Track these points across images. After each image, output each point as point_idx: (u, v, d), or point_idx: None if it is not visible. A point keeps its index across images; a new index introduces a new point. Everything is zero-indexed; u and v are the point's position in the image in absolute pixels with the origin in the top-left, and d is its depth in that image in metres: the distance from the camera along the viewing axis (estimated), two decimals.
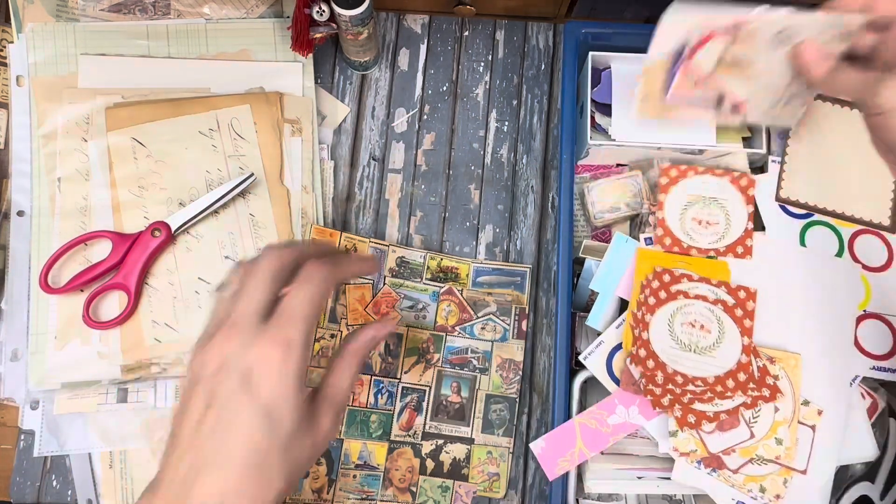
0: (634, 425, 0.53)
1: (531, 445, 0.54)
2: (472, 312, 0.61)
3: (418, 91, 0.68)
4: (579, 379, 0.56)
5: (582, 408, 0.55)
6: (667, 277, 0.54)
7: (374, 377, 0.58)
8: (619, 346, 0.55)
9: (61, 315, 0.58)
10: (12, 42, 0.62)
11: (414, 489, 0.58)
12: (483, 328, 0.61)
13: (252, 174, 0.60)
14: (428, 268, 0.61)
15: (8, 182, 0.61)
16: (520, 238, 0.65)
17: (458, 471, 0.58)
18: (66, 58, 0.61)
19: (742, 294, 0.54)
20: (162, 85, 0.62)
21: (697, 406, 0.52)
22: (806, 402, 0.53)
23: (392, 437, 0.58)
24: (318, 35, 0.60)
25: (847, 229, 0.58)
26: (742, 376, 0.52)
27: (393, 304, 0.60)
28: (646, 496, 0.57)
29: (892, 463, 0.54)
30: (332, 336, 0.57)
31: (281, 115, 0.62)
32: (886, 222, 0.58)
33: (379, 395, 0.58)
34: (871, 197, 0.59)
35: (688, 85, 0.48)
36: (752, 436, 0.52)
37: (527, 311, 0.61)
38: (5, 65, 0.62)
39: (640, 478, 0.55)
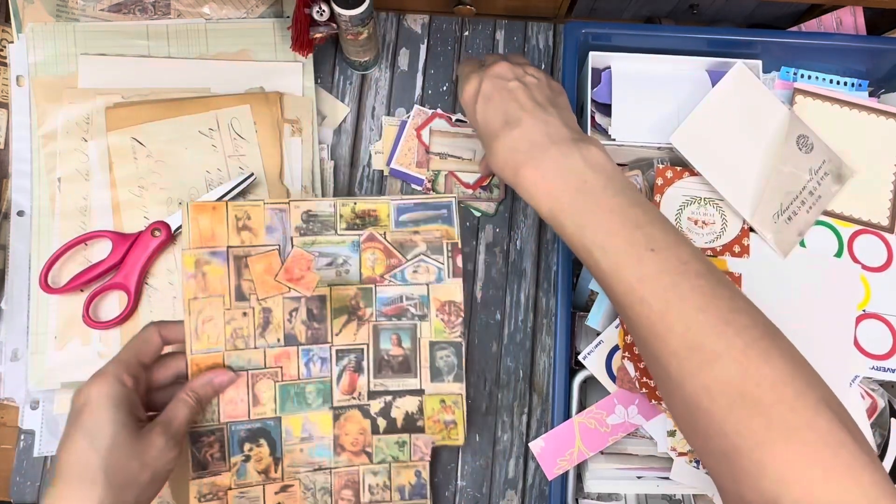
0: (633, 425, 0.53)
1: (531, 445, 0.54)
2: (400, 256, 0.55)
3: (418, 91, 0.68)
4: (579, 379, 0.56)
5: (581, 407, 0.55)
6: None
7: (300, 347, 0.53)
8: (618, 346, 0.55)
9: (61, 315, 0.58)
10: (12, 42, 0.62)
11: (369, 450, 0.54)
12: (415, 272, 0.55)
13: (252, 174, 0.60)
14: (341, 216, 0.55)
15: (8, 182, 0.61)
16: (520, 238, 0.65)
17: (412, 424, 0.55)
18: (66, 58, 0.61)
19: None
20: (162, 85, 0.62)
21: None
22: None
23: (335, 404, 0.54)
24: (318, 35, 0.60)
25: (846, 229, 0.58)
26: None
27: (308, 265, 0.54)
28: (645, 496, 0.57)
29: (893, 463, 0.54)
30: (245, 314, 0.52)
31: (281, 115, 0.63)
32: (885, 222, 0.58)
33: (311, 364, 0.53)
34: (870, 197, 0.59)
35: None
36: None
37: (459, 246, 0.56)
38: (5, 65, 0.62)
39: (639, 477, 0.56)
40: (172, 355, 0.52)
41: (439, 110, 0.66)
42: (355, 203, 0.56)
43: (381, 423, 0.55)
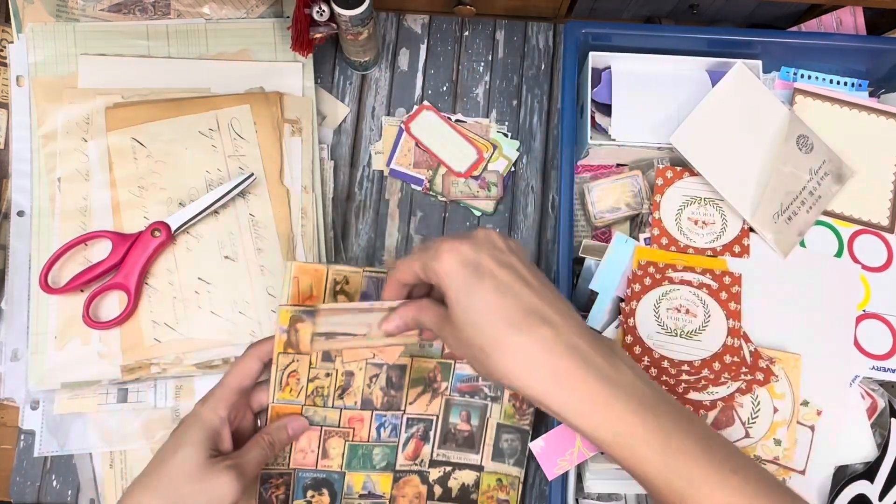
0: None
1: (531, 445, 0.54)
2: None
3: (418, 91, 0.68)
4: None
5: None
6: (651, 269, 0.55)
7: (375, 412, 0.55)
8: None
9: (61, 315, 0.58)
10: (12, 42, 0.62)
11: None
12: None
13: (252, 174, 0.60)
14: None
15: (8, 182, 0.61)
16: (520, 238, 0.65)
17: (466, 496, 0.56)
18: (66, 58, 0.61)
19: (727, 279, 0.55)
20: (162, 85, 0.62)
21: (693, 396, 0.52)
22: (805, 403, 0.53)
23: (397, 468, 0.56)
24: (318, 35, 0.60)
25: (846, 229, 0.58)
26: (729, 359, 0.52)
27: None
28: (645, 496, 0.57)
29: (893, 463, 0.54)
30: (328, 375, 0.53)
31: (281, 115, 0.62)
32: (885, 222, 0.58)
33: (382, 429, 0.55)
34: (870, 197, 0.59)
35: None
36: (747, 434, 0.52)
37: None
38: (5, 65, 0.62)
39: None
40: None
41: (426, 103, 0.66)
42: None
43: (437, 490, 0.56)
